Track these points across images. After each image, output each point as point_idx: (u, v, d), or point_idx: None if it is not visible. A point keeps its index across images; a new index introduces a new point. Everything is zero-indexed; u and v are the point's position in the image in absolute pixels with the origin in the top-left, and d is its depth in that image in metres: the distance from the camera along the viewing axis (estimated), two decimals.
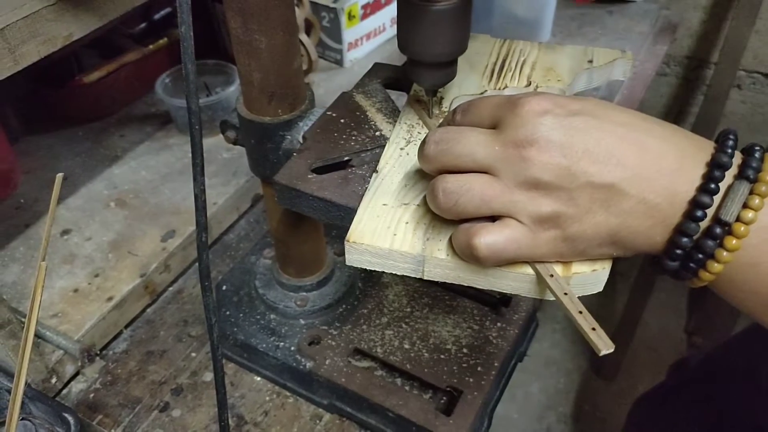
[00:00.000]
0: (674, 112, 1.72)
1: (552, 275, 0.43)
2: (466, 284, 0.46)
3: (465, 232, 0.43)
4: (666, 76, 1.68)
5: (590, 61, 0.61)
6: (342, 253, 0.79)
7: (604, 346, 0.40)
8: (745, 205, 0.39)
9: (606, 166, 0.40)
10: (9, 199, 0.94)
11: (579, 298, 0.43)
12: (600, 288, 0.44)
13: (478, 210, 0.42)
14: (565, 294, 0.42)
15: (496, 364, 0.70)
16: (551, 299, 0.44)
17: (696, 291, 0.66)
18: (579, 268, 0.43)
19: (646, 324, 1.81)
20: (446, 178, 0.43)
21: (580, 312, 0.41)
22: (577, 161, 0.40)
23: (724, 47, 1.47)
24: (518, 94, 0.44)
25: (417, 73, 0.56)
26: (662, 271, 0.43)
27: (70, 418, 0.64)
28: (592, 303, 0.40)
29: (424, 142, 0.46)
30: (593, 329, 0.40)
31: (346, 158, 0.56)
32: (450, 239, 0.45)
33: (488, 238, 0.41)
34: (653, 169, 0.40)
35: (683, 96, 1.69)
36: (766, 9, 1.42)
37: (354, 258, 0.47)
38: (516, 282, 0.45)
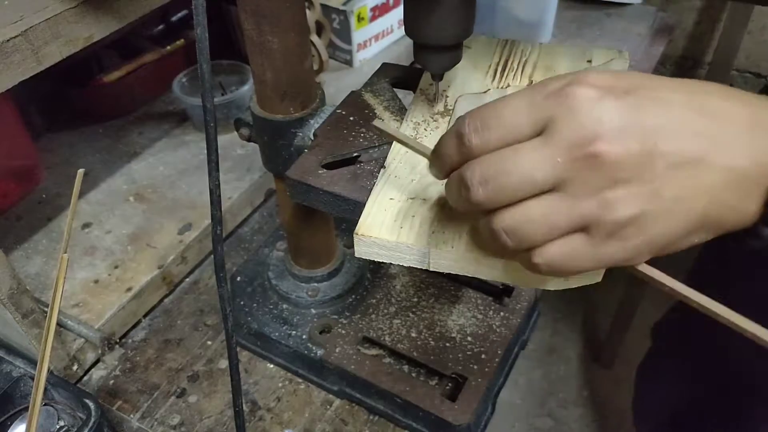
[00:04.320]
0: None
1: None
2: (470, 275, 0.47)
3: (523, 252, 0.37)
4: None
5: (589, 61, 0.62)
6: (351, 246, 0.79)
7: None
8: None
9: (684, 140, 0.34)
10: (32, 193, 0.95)
11: (579, 287, 0.44)
12: (599, 278, 0.45)
13: (546, 239, 0.36)
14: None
15: (499, 352, 0.71)
16: (552, 289, 0.45)
17: (693, 279, 0.66)
18: None
19: (643, 313, 1.82)
20: (501, 217, 0.36)
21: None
22: (653, 144, 0.33)
23: (717, 48, 1.48)
24: (551, 81, 0.36)
25: (424, 58, 0.56)
26: (756, 246, 0.38)
27: (91, 404, 0.66)
28: (591, 293, 0.39)
29: (461, 186, 0.37)
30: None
31: (355, 154, 0.57)
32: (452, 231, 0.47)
33: (548, 257, 0.36)
34: (731, 132, 0.35)
35: None
36: (758, 11, 1.43)
37: (363, 250, 0.49)
38: (518, 273, 0.45)
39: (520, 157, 0.35)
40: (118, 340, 0.82)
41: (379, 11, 1.21)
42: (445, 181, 0.51)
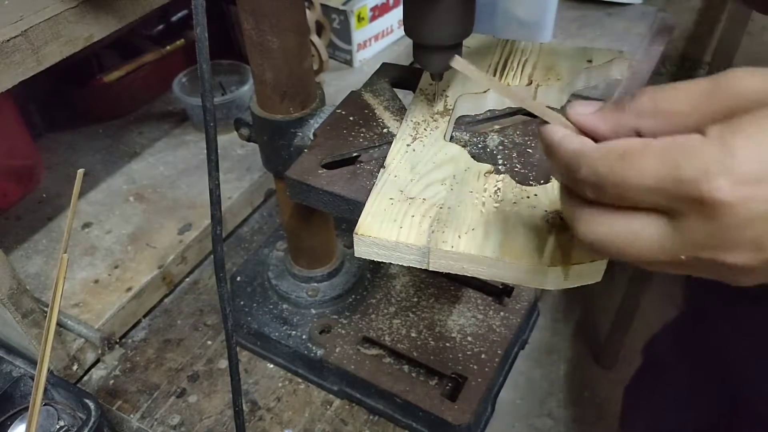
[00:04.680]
0: None
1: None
2: (470, 275, 0.47)
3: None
4: (662, 76, 1.69)
5: (589, 61, 0.63)
6: (351, 246, 0.80)
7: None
8: None
9: None
10: (32, 193, 0.95)
11: (579, 287, 0.45)
12: (599, 278, 0.45)
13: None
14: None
15: (499, 352, 0.71)
16: (551, 288, 0.46)
17: (691, 281, 0.65)
18: (578, 258, 0.44)
19: (643, 313, 1.83)
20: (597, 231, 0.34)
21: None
22: None
23: (717, 48, 1.48)
24: (685, 162, 0.30)
25: (424, 58, 0.56)
26: None
27: (91, 404, 0.66)
28: (591, 293, 0.39)
29: (570, 217, 0.36)
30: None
31: (354, 154, 0.58)
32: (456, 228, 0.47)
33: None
34: None
35: None
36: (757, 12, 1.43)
37: (362, 250, 0.49)
38: (518, 273, 0.46)
39: (637, 234, 0.33)
40: (118, 340, 0.82)
41: (379, 11, 1.22)
42: (445, 181, 0.52)
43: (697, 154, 0.29)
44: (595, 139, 0.35)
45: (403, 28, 0.56)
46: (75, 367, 0.77)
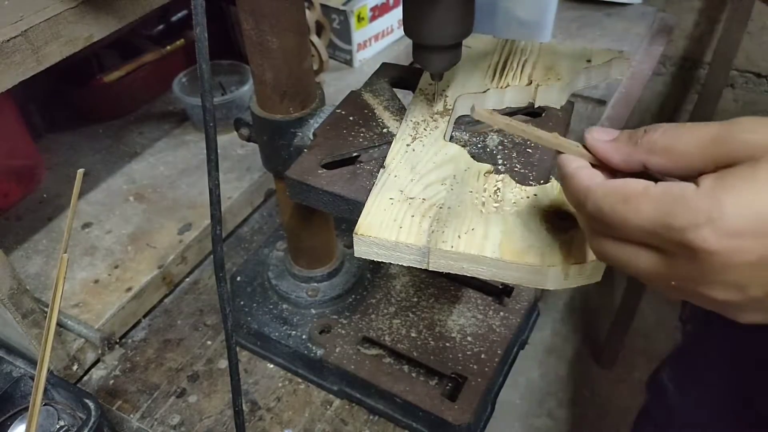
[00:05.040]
0: (669, 110, 1.75)
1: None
2: (470, 275, 0.47)
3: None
4: (662, 76, 1.70)
5: (589, 61, 0.63)
6: (351, 246, 0.80)
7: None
8: None
9: None
10: (32, 193, 0.95)
11: (579, 287, 0.45)
12: (599, 278, 0.45)
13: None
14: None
15: (499, 352, 0.71)
16: (551, 288, 0.46)
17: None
18: (578, 258, 0.44)
19: (642, 313, 1.83)
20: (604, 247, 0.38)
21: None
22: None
23: (717, 48, 1.48)
24: (678, 213, 0.33)
25: (424, 58, 0.56)
26: None
27: (91, 404, 0.66)
28: (591, 293, 0.40)
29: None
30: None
31: (354, 154, 0.58)
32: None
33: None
34: None
35: (678, 95, 1.72)
36: (757, 12, 1.43)
37: (362, 250, 0.49)
38: (518, 272, 0.46)
39: (634, 260, 0.36)
40: (118, 340, 0.82)
41: (379, 11, 1.22)
42: (445, 181, 0.52)
43: (689, 205, 0.33)
44: (607, 167, 0.40)
45: (402, 28, 0.56)
46: (75, 367, 0.77)
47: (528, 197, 0.50)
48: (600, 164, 0.40)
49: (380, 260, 0.49)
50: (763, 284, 0.33)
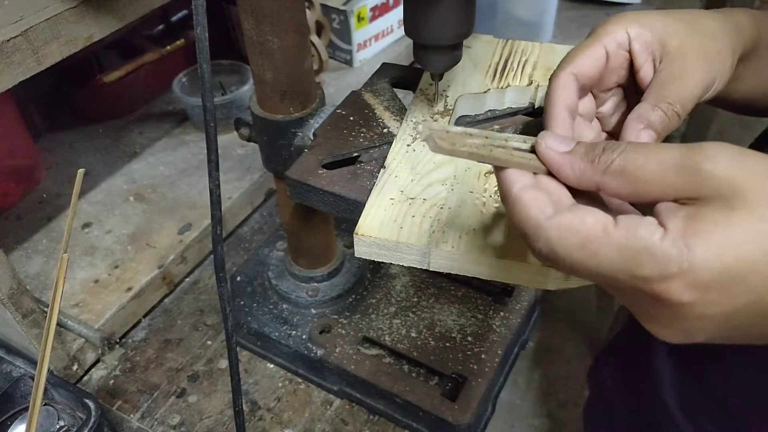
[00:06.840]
0: None
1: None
2: (470, 275, 0.47)
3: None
4: None
5: None
6: (351, 246, 0.80)
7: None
8: None
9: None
10: (32, 193, 0.95)
11: (579, 287, 0.44)
12: None
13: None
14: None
15: (499, 352, 0.71)
16: (552, 289, 0.45)
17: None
18: None
19: None
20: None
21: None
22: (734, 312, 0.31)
23: None
24: (648, 257, 0.31)
25: (424, 58, 0.56)
26: None
27: (91, 404, 0.66)
28: (591, 293, 0.39)
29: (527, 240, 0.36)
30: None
31: (355, 154, 0.57)
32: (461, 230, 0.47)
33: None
34: None
35: None
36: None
37: (363, 250, 0.49)
38: (519, 273, 0.46)
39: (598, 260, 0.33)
40: (118, 340, 0.82)
41: (379, 11, 1.22)
42: (445, 181, 0.52)
43: (656, 254, 0.30)
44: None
45: (403, 28, 0.56)
46: (75, 367, 0.77)
47: None
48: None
49: (381, 260, 0.49)
50: (708, 333, 0.33)
